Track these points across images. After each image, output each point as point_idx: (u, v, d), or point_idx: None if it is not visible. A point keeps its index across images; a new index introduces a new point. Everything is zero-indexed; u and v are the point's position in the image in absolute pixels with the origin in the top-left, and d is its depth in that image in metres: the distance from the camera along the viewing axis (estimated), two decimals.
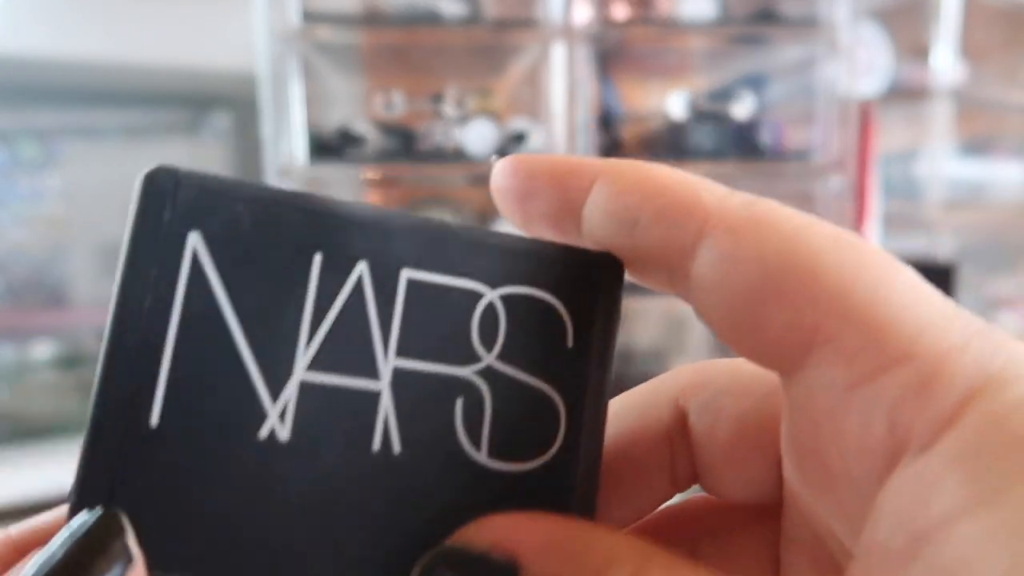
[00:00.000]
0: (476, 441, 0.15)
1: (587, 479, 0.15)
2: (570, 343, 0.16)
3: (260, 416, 0.14)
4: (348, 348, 0.14)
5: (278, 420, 0.14)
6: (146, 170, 0.13)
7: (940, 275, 0.93)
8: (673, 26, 0.80)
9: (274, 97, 0.77)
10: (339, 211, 0.14)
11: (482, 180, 0.84)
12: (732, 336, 0.14)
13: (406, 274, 0.15)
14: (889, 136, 0.93)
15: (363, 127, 0.80)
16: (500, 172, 0.16)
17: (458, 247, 0.15)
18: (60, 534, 0.12)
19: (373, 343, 0.14)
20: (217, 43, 0.93)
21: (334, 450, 0.14)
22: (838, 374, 0.12)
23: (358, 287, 0.14)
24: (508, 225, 0.18)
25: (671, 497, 0.17)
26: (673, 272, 0.14)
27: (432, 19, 0.77)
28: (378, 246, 0.15)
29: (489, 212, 0.86)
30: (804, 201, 0.87)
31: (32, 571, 0.11)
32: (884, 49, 0.93)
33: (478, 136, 0.78)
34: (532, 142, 0.79)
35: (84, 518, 0.12)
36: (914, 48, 0.95)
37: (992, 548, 0.11)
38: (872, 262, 0.13)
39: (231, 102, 1.01)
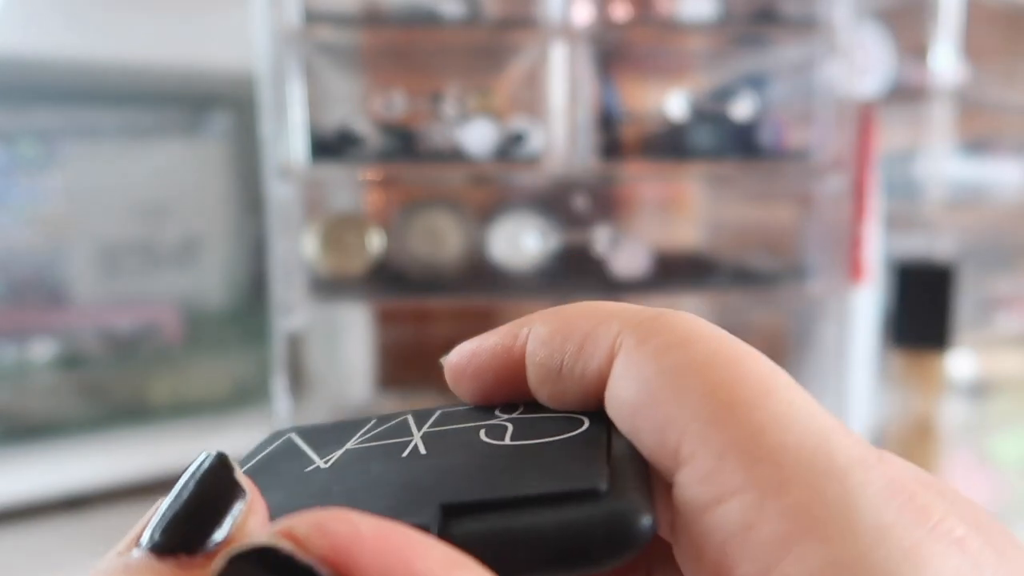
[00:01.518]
0: (500, 439, 0.16)
1: (626, 443, 0.15)
2: (586, 425, 0.16)
3: (309, 463, 0.17)
4: (389, 434, 0.18)
5: (322, 463, 0.17)
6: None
7: (940, 275, 0.93)
8: (673, 26, 0.80)
9: (274, 97, 0.77)
10: (396, 412, 0.19)
11: (482, 180, 0.84)
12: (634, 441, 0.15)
13: (440, 409, 0.19)
14: (889, 136, 0.93)
15: (363, 127, 0.80)
16: (451, 358, 0.18)
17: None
18: (180, 479, 0.13)
19: (410, 428, 0.18)
20: (217, 43, 0.93)
21: (365, 465, 0.16)
22: (697, 494, 0.13)
23: (402, 420, 0.19)
24: (503, 227, 0.21)
25: None
26: (599, 399, 0.16)
27: (432, 19, 0.77)
28: (422, 411, 0.19)
29: (489, 212, 0.86)
30: (804, 201, 0.87)
31: (163, 511, 0.12)
32: (884, 49, 0.93)
33: (478, 136, 0.78)
34: (532, 142, 0.79)
35: (199, 462, 0.13)
36: (914, 48, 0.95)
37: None
38: (749, 377, 0.13)
39: (231, 102, 1.01)
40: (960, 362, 0.99)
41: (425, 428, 0.18)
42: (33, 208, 0.93)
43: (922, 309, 0.93)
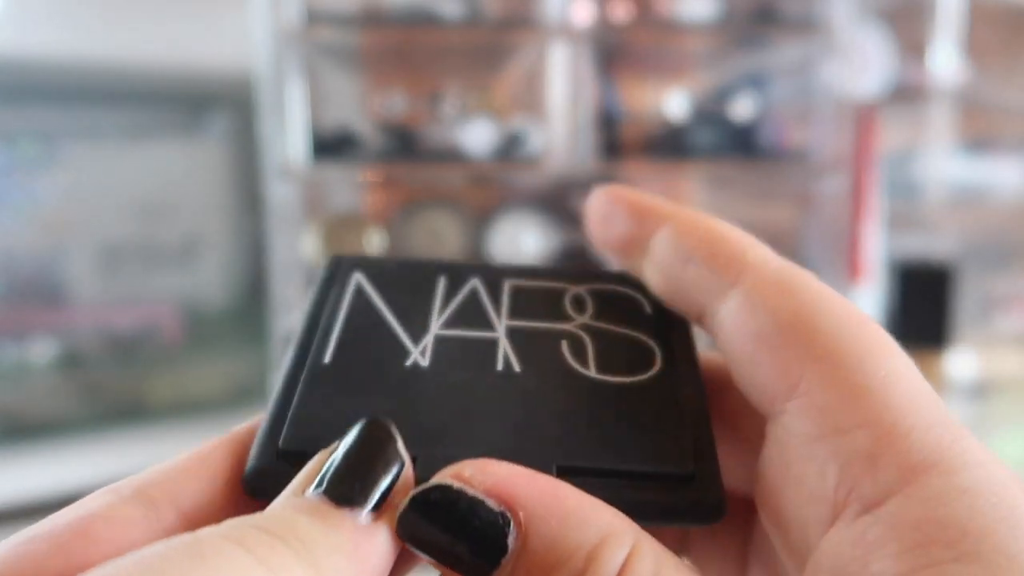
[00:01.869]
0: (584, 364, 0.18)
1: (693, 388, 0.18)
2: (648, 310, 0.20)
3: (405, 354, 0.18)
4: (470, 317, 0.19)
5: (419, 356, 0.18)
6: (329, 257, 0.20)
7: (940, 275, 0.93)
8: (673, 26, 0.80)
9: (274, 97, 0.77)
10: (456, 260, 0.21)
11: (482, 180, 0.84)
12: (736, 370, 0.16)
13: (509, 282, 0.20)
14: (889, 136, 0.93)
15: (363, 127, 0.80)
16: (596, 195, 0.20)
17: (543, 269, 0.21)
18: (348, 439, 0.14)
19: (488, 313, 0.19)
20: (217, 43, 0.93)
21: (465, 371, 0.17)
22: (807, 424, 0.14)
23: (473, 290, 0.20)
24: (503, 228, 0.23)
25: None
26: (704, 308, 0.17)
27: (432, 19, 0.77)
28: (486, 270, 0.20)
29: (488, 212, 0.86)
30: (804, 201, 0.87)
31: (334, 466, 0.14)
32: (884, 49, 0.93)
33: (478, 136, 0.78)
34: (532, 142, 0.79)
35: (357, 429, 0.15)
36: (914, 48, 0.95)
37: None
38: (870, 343, 0.15)
39: (231, 102, 1.01)
40: (960, 362, 0.99)
41: (505, 320, 0.19)
42: (33, 208, 0.93)
43: (922, 309, 0.93)
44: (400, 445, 0.14)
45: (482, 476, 0.14)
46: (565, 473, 0.15)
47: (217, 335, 1.03)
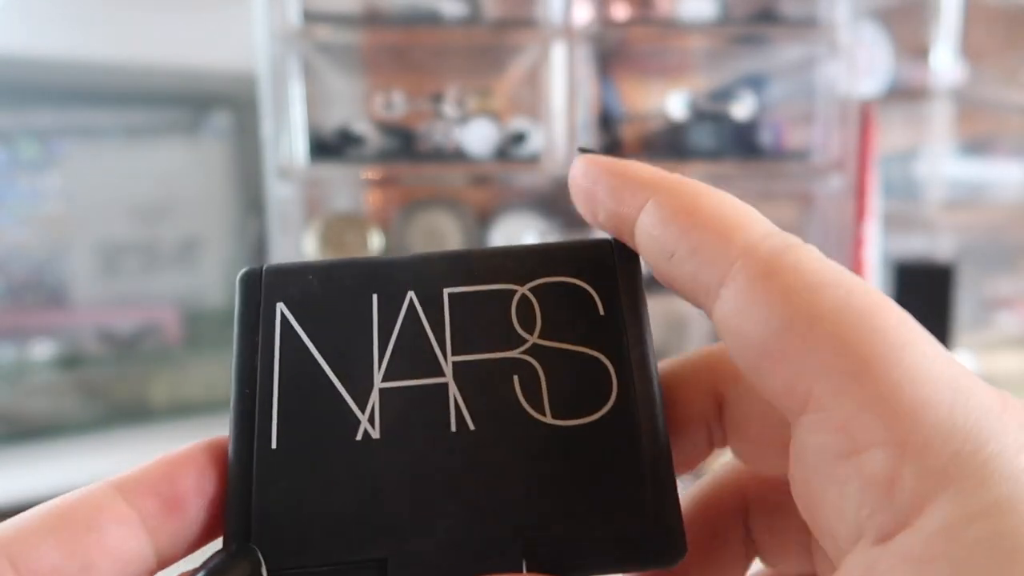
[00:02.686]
0: (539, 407, 0.17)
1: (651, 421, 0.17)
2: (602, 311, 0.18)
3: (354, 423, 0.17)
4: (413, 357, 0.17)
5: (368, 424, 0.17)
6: (241, 271, 0.19)
7: (940, 275, 0.93)
8: (673, 26, 0.80)
9: (274, 97, 0.77)
10: (383, 261, 0.18)
11: (482, 180, 0.84)
12: (746, 375, 0.15)
13: (447, 291, 0.18)
14: (889, 136, 0.93)
15: (363, 127, 0.80)
16: (575, 169, 0.18)
17: (483, 262, 0.18)
18: (206, 564, 0.15)
19: (433, 348, 0.17)
20: (217, 43, 0.93)
21: (419, 437, 0.17)
22: (828, 441, 0.13)
23: (411, 310, 0.18)
24: (503, 228, 0.21)
25: (709, 455, 0.19)
26: (700, 306, 0.16)
27: (432, 19, 0.77)
28: (420, 277, 0.18)
29: (489, 212, 0.86)
30: (804, 201, 0.87)
31: None
32: (884, 49, 0.93)
33: (478, 136, 0.78)
34: (532, 142, 0.79)
35: (223, 556, 0.15)
36: (914, 48, 0.95)
37: None
38: (883, 329, 0.13)
39: (231, 102, 1.01)
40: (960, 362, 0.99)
41: (451, 356, 0.17)
42: (33, 208, 0.93)
43: (922, 309, 0.93)
44: (264, 572, 0.16)
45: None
46: (530, 549, 0.16)
47: (217, 335, 1.03)
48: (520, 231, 0.83)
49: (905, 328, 0.13)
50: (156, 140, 0.99)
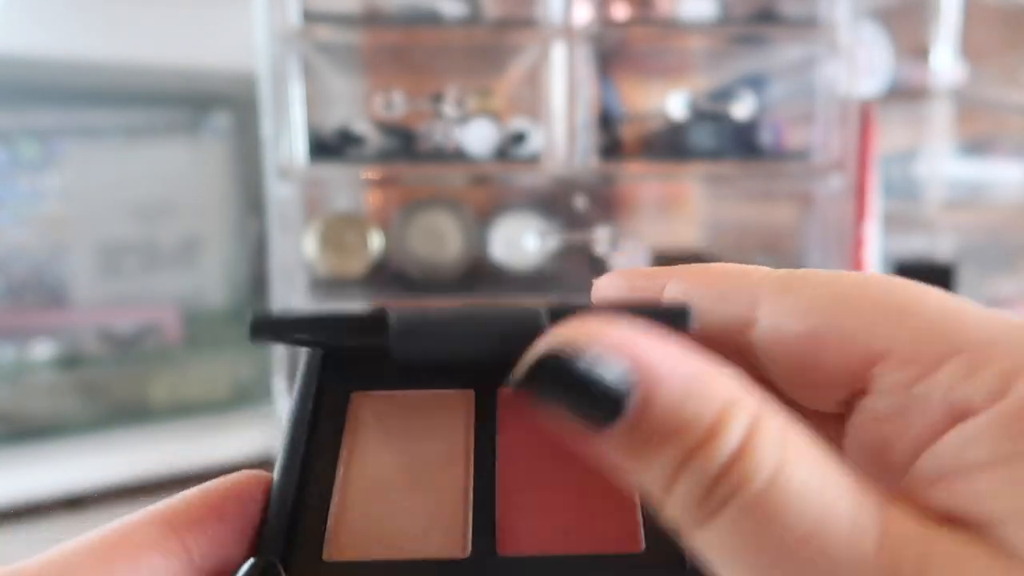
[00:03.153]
0: None
1: None
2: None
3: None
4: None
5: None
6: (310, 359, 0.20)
7: (940, 275, 0.93)
8: (673, 26, 0.80)
9: (274, 97, 0.77)
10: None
11: (482, 180, 0.84)
12: (798, 377, 0.16)
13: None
14: (889, 136, 0.93)
15: (363, 127, 0.80)
16: (600, 287, 0.20)
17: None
18: None
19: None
20: (217, 43, 0.93)
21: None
22: (897, 378, 0.15)
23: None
24: (503, 228, 0.21)
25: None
26: (738, 341, 0.17)
27: (432, 19, 0.77)
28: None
29: (489, 212, 0.86)
30: (804, 201, 0.87)
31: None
32: (884, 49, 0.93)
33: (478, 136, 0.78)
34: (532, 142, 0.79)
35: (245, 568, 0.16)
36: (914, 48, 0.95)
37: (1008, 492, 0.13)
38: (909, 286, 0.15)
39: (231, 102, 1.01)
40: None
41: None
42: (33, 208, 0.93)
43: None
44: None
45: (605, 336, 0.14)
46: None
47: (217, 335, 1.03)
48: (520, 231, 0.83)
49: (926, 286, 0.15)
50: (156, 140, 0.99)
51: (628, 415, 0.13)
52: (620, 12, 0.81)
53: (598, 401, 0.13)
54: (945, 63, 0.91)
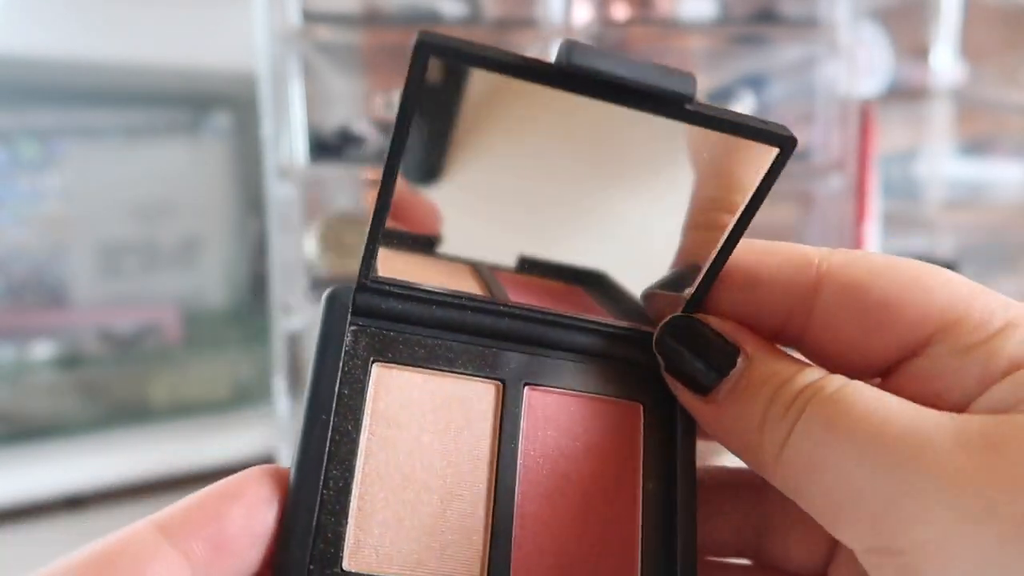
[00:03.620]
0: None
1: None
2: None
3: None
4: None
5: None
6: (329, 293, 0.20)
7: None
8: (673, 26, 0.80)
9: (274, 97, 0.77)
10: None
11: None
12: (857, 343, 0.18)
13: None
14: (889, 136, 0.93)
15: (363, 127, 0.80)
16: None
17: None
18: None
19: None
20: (217, 43, 0.93)
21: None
22: (958, 344, 0.17)
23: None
24: None
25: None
26: (791, 314, 0.19)
27: (432, 19, 0.77)
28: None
29: None
30: (804, 201, 0.87)
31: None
32: (884, 49, 0.93)
33: None
34: None
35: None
36: (914, 48, 0.95)
37: None
38: (941, 273, 0.18)
39: (231, 102, 1.01)
40: None
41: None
42: (33, 208, 0.93)
43: None
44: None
45: (720, 323, 0.19)
46: None
47: (217, 335, 1.03)
48: None
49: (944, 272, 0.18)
50: (156, 140, 0.99)
51: (738, 368, 0.18)
52: (620, 12, 0.81)
53: (716, 356, 0.19)
54: (945, 63, 0.91)
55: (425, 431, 0.20)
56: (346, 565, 0.18)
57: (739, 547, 0.22)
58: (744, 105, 0.82)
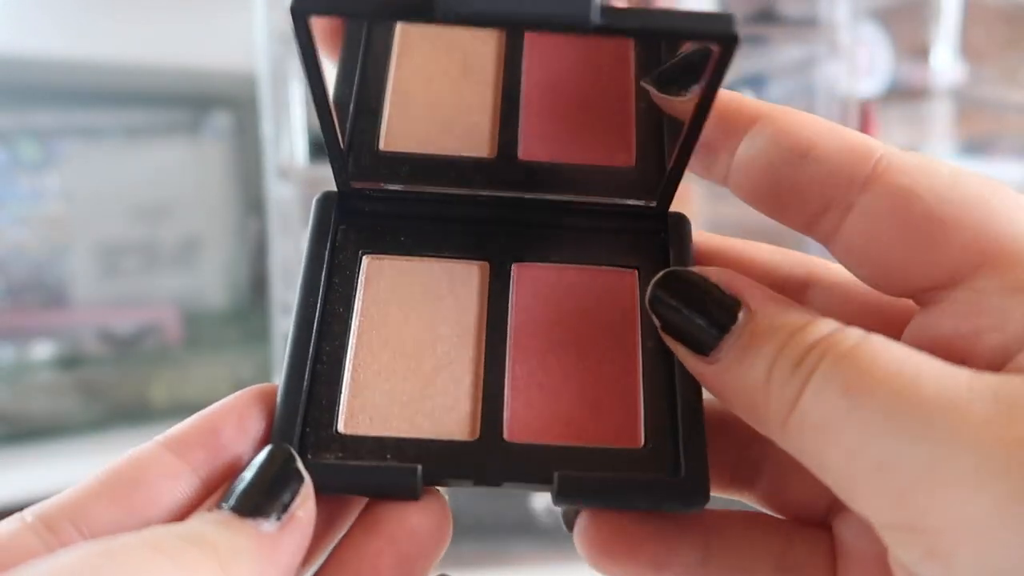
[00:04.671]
0: None
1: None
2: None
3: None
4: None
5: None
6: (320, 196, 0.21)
7: None
8: None
9: (274, 97, 0.77)
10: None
11: None
12: (893, 260, 0.17)
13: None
14: (889, 136, 0.93)
15: None
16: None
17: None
18: (251, 463, 0.17)
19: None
20: (217, 43, 0.93)
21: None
22: (1006, 281, 0.15)
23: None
24: None
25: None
26: (826, 207, 0.17)
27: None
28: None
29: None
30: None
31: (234, 490, 0.16)
32: (884, 49, 0.93)
33: None
34: None
35: (264, 452, 0.17)
36: (914, 48, 0.95)
37: None
38: (1011, 199, 0.16)
39: (231, 102, 1.01)
40: None
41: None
42: (33, 208, 0.93)
43: None
44: (299, 464, 0.17)
45: (717, 274, 0.18)
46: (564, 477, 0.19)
47: (217, 335, 1.03)
48: None
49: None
50: (156, 140, 0.99)
51: (739, 323, 0.17)
52: None
53: (715, 311, 0.17)
54: (945, 63, 0.91)
55: (414, 311, 0.20)
56: (341, 428, 0.18)
57: (736, 486, 0.21)
58: None
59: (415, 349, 0.19)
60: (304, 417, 0.18)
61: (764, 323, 0.17)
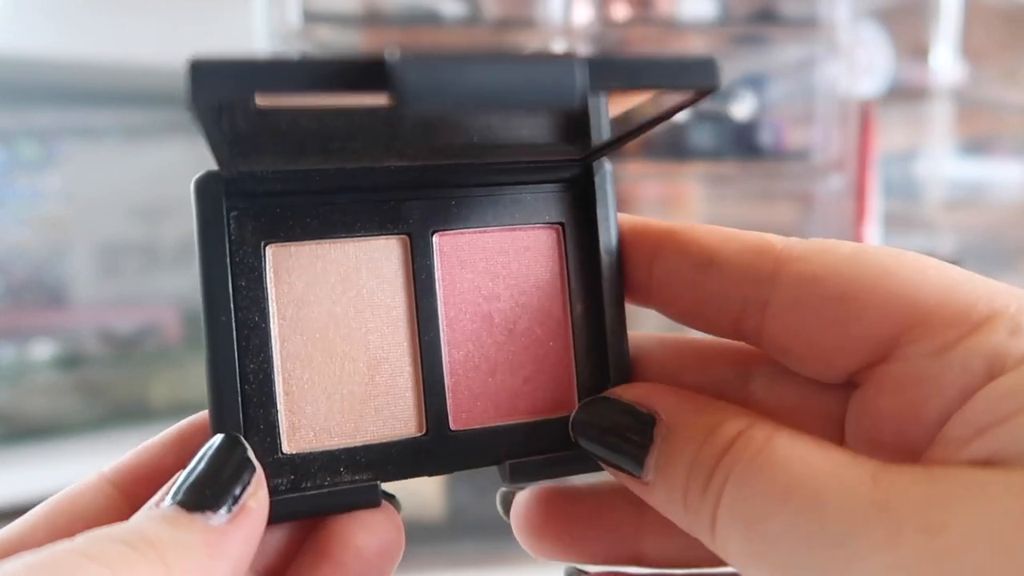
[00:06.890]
0: None
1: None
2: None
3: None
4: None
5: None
6: (198, 178, 0.18)
7: None
8: (673, 26, 0.80)
9: None
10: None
11: None
12: (816, 344, 0.16)
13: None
14: (889, 136, 0.93)
15: None
16: None
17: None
18: (198, 454, 0.16)
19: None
20: (217, 43, 0.93)
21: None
22: (933, 344, 0.15)
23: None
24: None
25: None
26: (744, 305, 0.17)
27: (432, 19, 0.77)
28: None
29: None
30: (804, 201, 0.87)
31: (181, 483, 0.16)
32: (884, 49, 0.93)
33: None
34: None
35: (212, 443, 0.17)
36: (914, 48, 0.95)
37: None
38: (916, 261, 0.16)
39: None
40: None
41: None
42: (33, 208, 0.93)
43: None
44: (250, 454, 0.16)
45: (630, 392, 0.18)
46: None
47: None
48: None
49: (916, 254, 0.17)
50: (156, 140, 0.99)
51: (656, 442, 0.17)
52: (620, 12, 0.81)
53: (633, 436, 0.17)
54: (945, 63, 0.91)
55: (337, 303, 0.18)
56: (286, 449, 0.17)
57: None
58: (744, 105, 0.82)
59: (346, 347, 0.18)
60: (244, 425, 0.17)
61: (676, 436, 0.17)
